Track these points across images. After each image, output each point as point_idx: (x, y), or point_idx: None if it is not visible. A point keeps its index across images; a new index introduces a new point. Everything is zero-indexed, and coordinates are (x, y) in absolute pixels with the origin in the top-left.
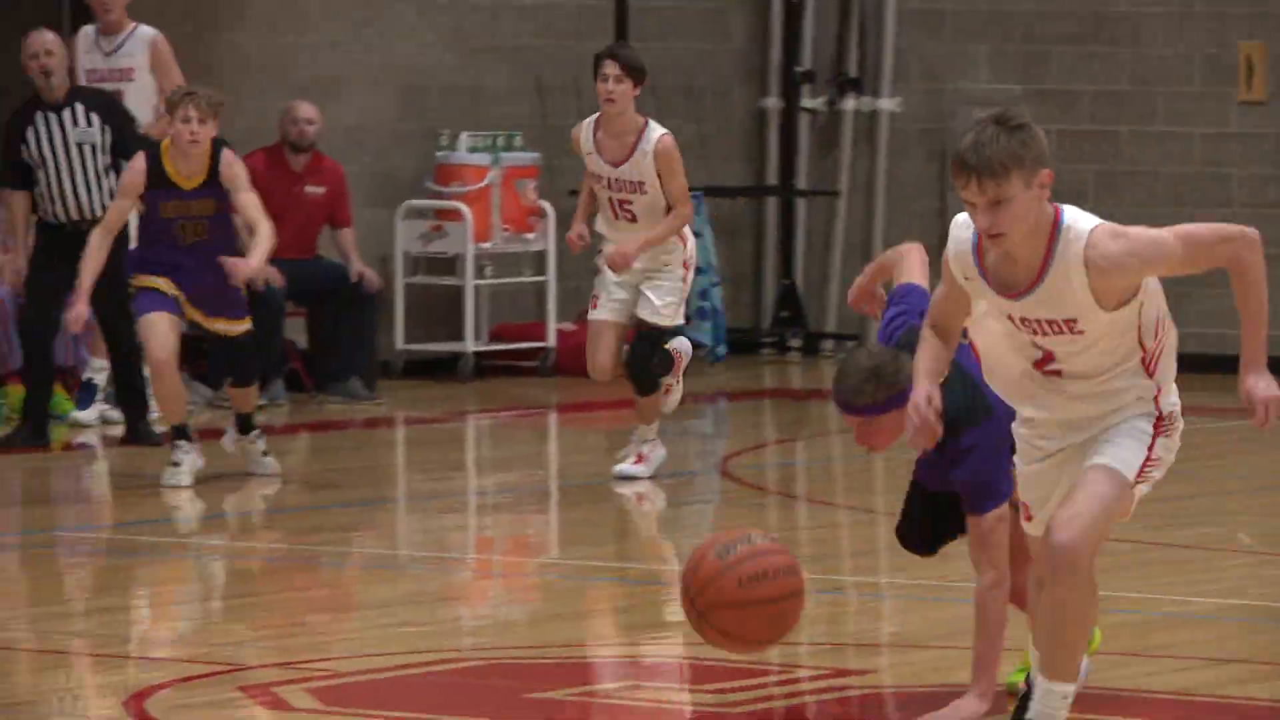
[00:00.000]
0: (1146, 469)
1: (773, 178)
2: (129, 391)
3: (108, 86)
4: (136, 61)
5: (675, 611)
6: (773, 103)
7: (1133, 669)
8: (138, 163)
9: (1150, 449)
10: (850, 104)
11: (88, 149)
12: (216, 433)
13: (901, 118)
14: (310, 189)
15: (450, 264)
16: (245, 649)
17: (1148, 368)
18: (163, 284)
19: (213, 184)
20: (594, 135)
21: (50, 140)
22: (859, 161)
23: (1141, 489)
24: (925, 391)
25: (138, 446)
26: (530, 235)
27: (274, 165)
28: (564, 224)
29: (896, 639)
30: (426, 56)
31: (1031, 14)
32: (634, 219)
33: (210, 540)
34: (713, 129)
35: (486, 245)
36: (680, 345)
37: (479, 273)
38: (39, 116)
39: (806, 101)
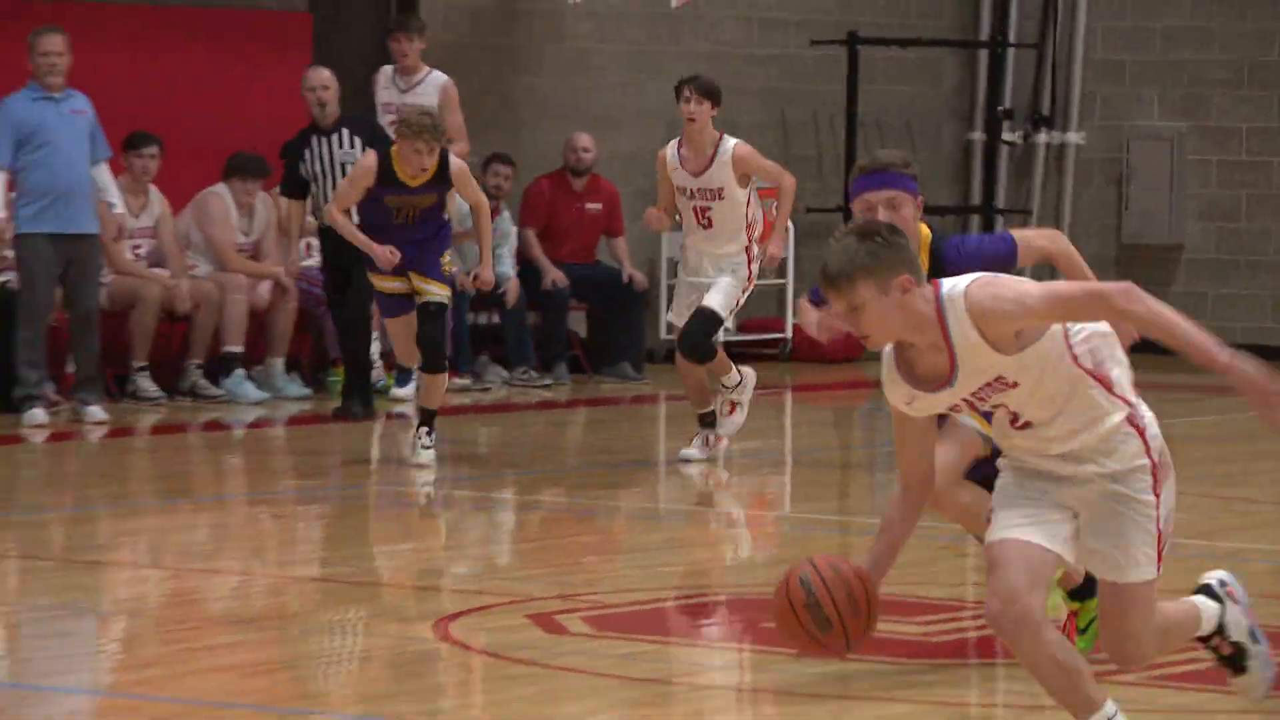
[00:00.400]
0: (1163, 546)
1: (976, 199)
2: (356, 388)
3: None
4: (428, 101)
5: None
6: (977, 136)
7: None
8: (369, 160)
9: (1158, 524)
10: (1042, 137)
11: (350, 167)
12: (514, 406)
13: (1085, 149)
14: (589, 206)
15: None
16: (532, 584)
17: (1102, 382)
18: (389, 285)
19: (439, 181)
20: (678, 153)
21: (321, 159)
22: (1049, 186)
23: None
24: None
25: (345, 419)
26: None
27: (558, 187)
28: (803, 238)
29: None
30: None
31: (1196, 63)
32: (710, 225)
33: (503, 495)
34: (926, 158)
35: None
36: (746, 374)
37: None
38: (313, 139)
39: (1006, 135)
